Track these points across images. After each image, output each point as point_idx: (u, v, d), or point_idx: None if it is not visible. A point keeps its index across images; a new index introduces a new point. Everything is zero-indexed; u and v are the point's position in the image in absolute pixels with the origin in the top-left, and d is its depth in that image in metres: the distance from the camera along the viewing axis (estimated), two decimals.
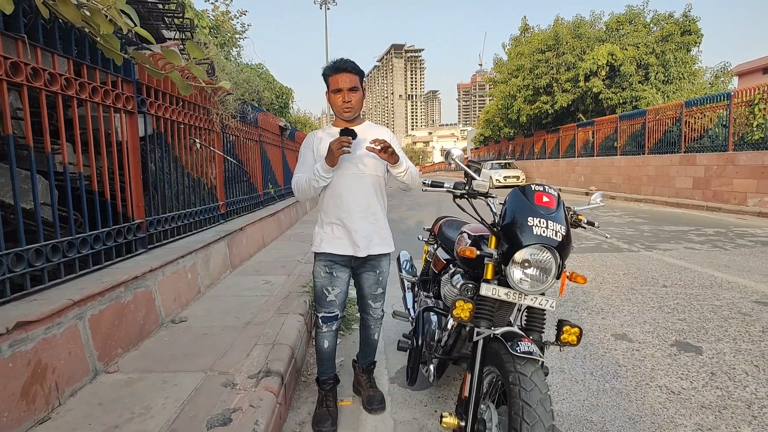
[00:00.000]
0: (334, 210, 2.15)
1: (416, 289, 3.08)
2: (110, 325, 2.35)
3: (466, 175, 1.97)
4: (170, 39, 4.70)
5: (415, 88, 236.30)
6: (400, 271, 3.24)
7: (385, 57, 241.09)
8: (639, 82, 17.37)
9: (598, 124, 17.10)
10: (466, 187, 1.95)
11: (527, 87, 20.07)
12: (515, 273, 1.64)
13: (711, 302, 3.98)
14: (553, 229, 1.63)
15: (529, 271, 1.65)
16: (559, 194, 1.80)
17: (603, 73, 17.43)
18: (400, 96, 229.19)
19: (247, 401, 1.97)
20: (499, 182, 21.42)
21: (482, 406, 1.71)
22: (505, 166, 22.98)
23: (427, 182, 2.06)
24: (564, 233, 1.65)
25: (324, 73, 2.15)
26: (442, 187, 2.03)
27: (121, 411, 1.89)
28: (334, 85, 2.09)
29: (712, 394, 2.46)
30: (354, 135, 1.95)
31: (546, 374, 1.90)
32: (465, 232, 2.21)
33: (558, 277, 1.69)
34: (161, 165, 3.54)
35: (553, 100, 19.55)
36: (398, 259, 3.38)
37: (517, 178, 21.73)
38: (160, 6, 4.15)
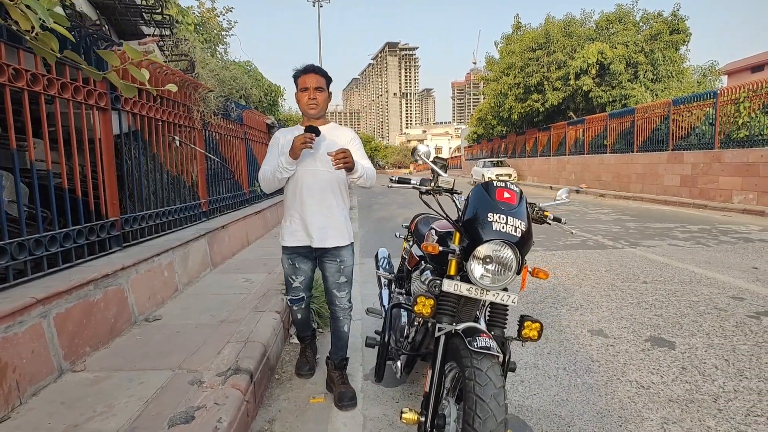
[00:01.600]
0: (293, 203, 2.35)
1: (393, 286, 3.08)
2: (77, 323, 2.33)
3: (433, 171, 1.98)
4: (149, 35, 4.65)
5: (410, 87, 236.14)
6: (378, 268, 3.24)
7: (379, 55, 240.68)
8: (628, 81, 17.48)
9: (588, 123, 17.20)
10: (432, 184, 1.95)
11: (518, 85, 20.13)
12: (475, 269, 1.65)
13: (689, 298, 4.02)
14: (512, 225, 1.64)
15: (490, 266, 1.65)
16: (521, 190, 1.80)
17: (593, 71, 17.52)
18: (395, 94, 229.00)
19: (213, 399, 1.96)
20: (491, 180, 21.47)
21: (444, 401, 1.72)
22: (497, 164, 23.06)
23: (393, 179, 2.06)
24: (524, 229, 1.66)
25: (294, 75, 2.35)
26: (409, 183, 2.04)
27: (83, 410, 1.87)
28: (302, 84, 2.29)
29: (681, 388, 2.49)
30: (317, 132, 2.11)
31: (512, 369, 1.92)
32: (433, 228, 2.21)
33: (519, 273, 1.70)
34: (137, 162, 3.51)
35: (544, 99, 19.62)
36: (376, 256, 3.38)
37: (510, 176, 21.79)
38: (138, 1, 4.11)
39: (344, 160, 2.06)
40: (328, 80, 2.35)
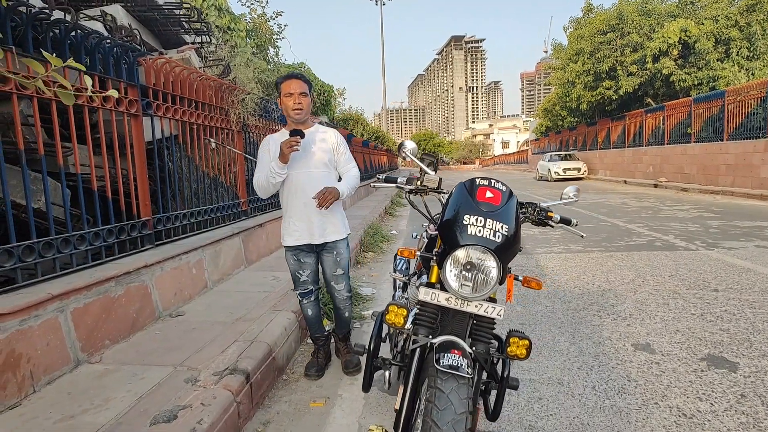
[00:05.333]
0: (291, 205, 2.48)
1: (407, 289, 2.95)
2: (96, 318, 2.48)
3: (421, 170, 1.83)
4: (190, 43, 4.90)
5: (476, 80, 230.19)
6: (394, 270, 3.12)
7: (444, 50, 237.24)
8: (718, 60, 15.49)
9: (669, 109, 15.53)
10: (418, 183, 1.81)
11: (587, 72, 18.70)
12: (449, 277, 1.48)
13: None
14: (491, 229, 1.45)
15: (467, 274, 1.47)
16: (509, 189, 1.59)
17: (675, 52, 15.77)
18: (461, 89, 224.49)
19: (200, 399, 1.98)
20: (558, 175, 20.24)
21: (419, 420, 1.57)
22: (565, 158, 21.64)
23: (381, 178, 1.95)
24: (506, 233, 1.46)
25: (277, 82, 2.49)
26: (395, 182, 1.91)
27: (82, 401, 1.98)
28: (287, 89, 2.39)
29: (734, 420, 2.10)
30: (302, 135, 2.24)
31: (514, 387, 1.72)
32: (427, 229, 2.05)
33: (501, 282, 1.50)
34: (171, 164, 3.70)
35: (617, 85, 18.05)
36: (395, 257, 3.26)
37: (578, 170, 20.40)
38: (176, 12, 4.34)
39: (330, 200, 2.32)
40: (311, 86, 2.50)
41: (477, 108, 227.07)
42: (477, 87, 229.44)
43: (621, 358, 2.80)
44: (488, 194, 1.53)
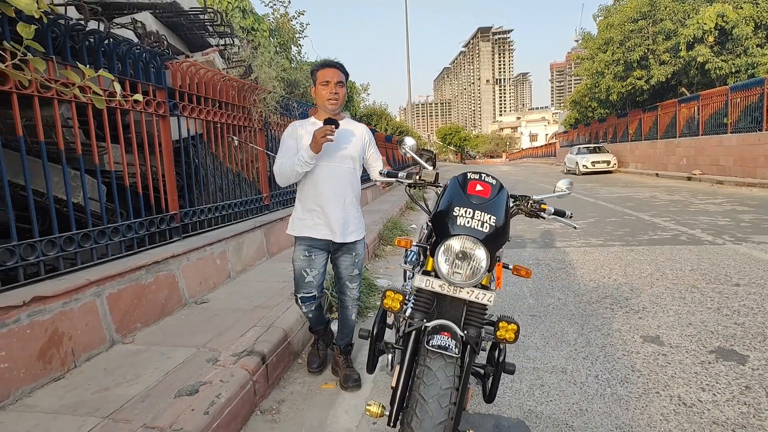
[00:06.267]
0: (313, 197, 2.34)
1: None
2: (129, 302, 2.71)
3: (420, 165, 1.94)
4: (214, 45, 5.14)
5: (504, 72, 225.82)
6: (405, 261, 3.23)
7: (471, 42, 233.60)
8: (758, 46, 14.73)
9: (704, 99, 14.91)
10: (416, 177, 1.92)
11: (617, 62, 18.12)
12: (441, 264, 1.59)
13: None
14: (479, 220, 1.55)
15: (457, 262, 1.58)
16: (500, 183, 1.68)
17: (711, 38, 15.08)
18: (488, 81, 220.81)
19: (220, 376, 2.16)
20: (587, 168, 19.75)
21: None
22: (593, 151, 21.06)
23: (383, 172, 2.07)
24: (493, 224, 1.55)
25: (312, 70, 2.37)
26: (396, 176, 2.02)
27: (116, 376, 2.20)
28: (323, 77, 2.28)
29: (734, 411, 2.12)
30: (337, 124, 2.11)
31: (510, 372, 1.82)
32: (427, 222, 2.16)
33: (490, 270, 1.60)
34: (197, 161, 3.92)
35: (648, 75, 17.43)
36: (406, 249, 3.37)
37: (608, 163, 19.84)
38: (201, 16, 4.57)
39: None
40: (347, 76, 2.36)
41: (504, 101, 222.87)
42: (504, 79, 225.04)
43: (628, 349, 2.83)
44: (478, 187, 1.63)
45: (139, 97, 2.08)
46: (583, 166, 19.82)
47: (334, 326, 2.81)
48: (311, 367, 2.64)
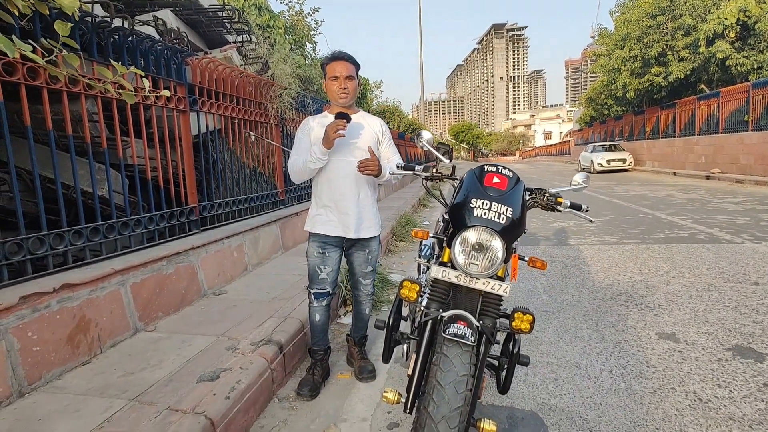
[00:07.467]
0: (327, 194, 2.33)
1: None
2: (151, 292, 2.79)
3: (437, 158, 1.97)
4: (232, 42, 5.22)
5: (518, 69, 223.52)
6: (419, 256, 3.26)
7: (484, 38, 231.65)
8: None
9: (724, 96, 14.60)
10: (433, 170, 1.95)
11: (634, 58, 17.81)
12: (458, 255, 1.62)
13: None
14: (496, 211, 1.57)
15: (474, 253, 1.61)
16: (516, 176, 1.71)
17: (732, 34, 14.75)
18: (501, 78, 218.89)
19: (239, 364, 2.22)
20: (602, 166, 19.51)
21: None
22: (609, 149, 20.77)
23: (400, 165, 2.10)
24: (510, 215, 1.58)
25: (322, 63, 2.32)
26: (413, 170, 2.06)
27: (140, 362, 2.28)
28: (332, 72, 2.24)
29: (751, 407, 2.11)
30: (348, 118, 2.08)
31: (525, 363, 1.84)
32: (443, 215, 2.19)
33: (506, 261, 1.62)
34: (215, 156, 4.00)
35: (666, 71, 17.10)
36: (420, 243, 3.40)
37: (624, 161, 19.55)
38: (220, 14, 4.65)
39: (369, 168, 2.14)
40: (358, 68, 2.31)
41: (518, 98, 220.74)
42: (518, 76, 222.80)
43: (643, 345, 2.82)
44: (495, 180, 1.66)
45: (166, 92, 2.15)
46: (598, 164, 19.59)
47: (348, 319, 2.82)
48: (301, 390, 2.31)
